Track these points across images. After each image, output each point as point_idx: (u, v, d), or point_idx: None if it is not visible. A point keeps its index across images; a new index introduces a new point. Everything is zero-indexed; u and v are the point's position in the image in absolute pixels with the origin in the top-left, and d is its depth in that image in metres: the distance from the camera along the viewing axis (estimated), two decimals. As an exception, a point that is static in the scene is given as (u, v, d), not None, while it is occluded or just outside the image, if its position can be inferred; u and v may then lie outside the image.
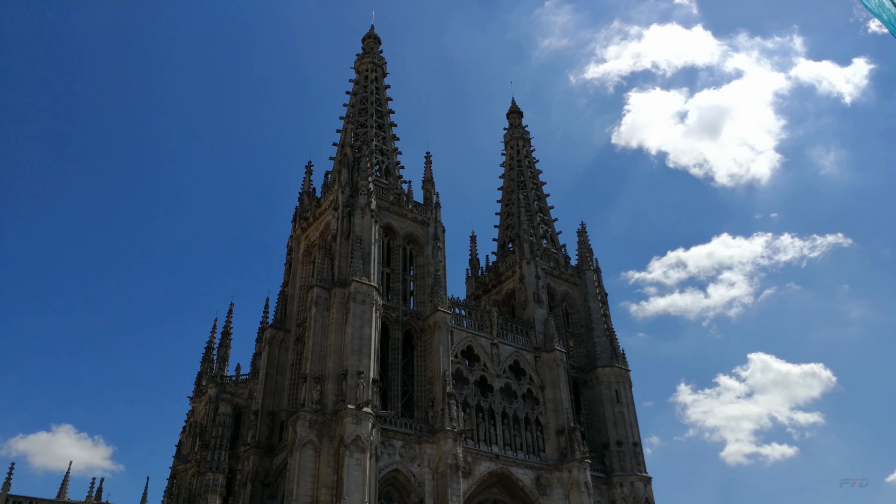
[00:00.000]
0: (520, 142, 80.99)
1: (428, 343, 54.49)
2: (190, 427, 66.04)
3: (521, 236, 68.25)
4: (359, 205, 55.14)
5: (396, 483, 48.13)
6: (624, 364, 65.63)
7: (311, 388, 46.97)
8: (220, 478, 55.56)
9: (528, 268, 65.80)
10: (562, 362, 60.23)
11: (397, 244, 59.42)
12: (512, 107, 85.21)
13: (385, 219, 58.60)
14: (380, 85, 70.81)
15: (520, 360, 59.63)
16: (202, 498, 55.62)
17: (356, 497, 42.32)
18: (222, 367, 68.21)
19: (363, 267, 51.81)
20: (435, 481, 48.17)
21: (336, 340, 48.90)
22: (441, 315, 54.50)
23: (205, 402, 64.79)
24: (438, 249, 59.61)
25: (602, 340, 66.54)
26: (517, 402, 57.62)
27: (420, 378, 53.49)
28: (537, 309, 63.34)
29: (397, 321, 55.12)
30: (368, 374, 47.32)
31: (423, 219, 60.94)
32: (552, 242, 74.10)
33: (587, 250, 72.61)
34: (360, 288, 50.42)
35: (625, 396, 63.74)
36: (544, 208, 76.67)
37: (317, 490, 43.30)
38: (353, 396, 45.88)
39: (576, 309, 69.85)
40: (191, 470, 61.19)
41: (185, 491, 60.77)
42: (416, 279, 59.15)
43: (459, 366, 55.75)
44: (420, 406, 52.33)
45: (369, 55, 72.23)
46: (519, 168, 78.76)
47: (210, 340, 70.66)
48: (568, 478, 54.71)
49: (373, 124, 66.14)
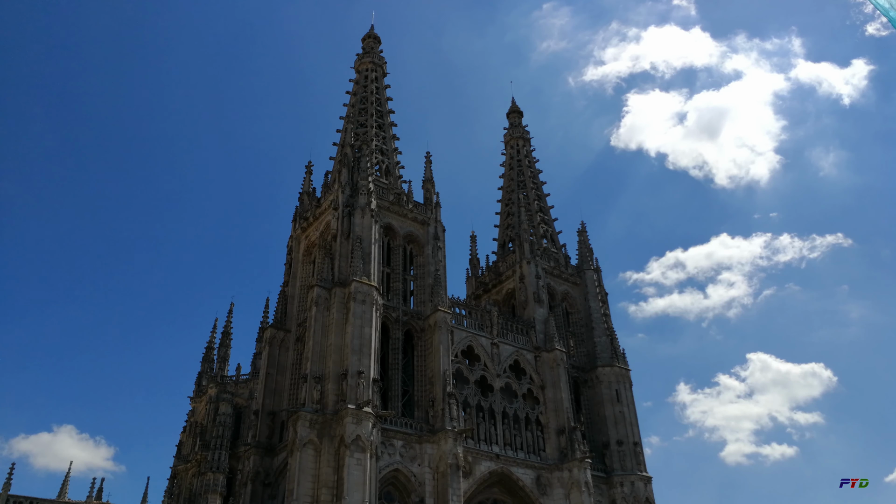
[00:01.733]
0: (520, 141, 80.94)
1: (428, 343, 54.48)
2: (190, 427, 66.11)
3: (522, 236, 68.24)
4: (359, 204, 55.13)
5: (397, 483, 48.13)
6: (624, 363, 65.63)
7: (311, 387, 46.96)
8: (220, 478, 55.64)
9: (528, 267, 65.78)
10: (562, 362, 60.23)
11: (397, 244, 59.41)
12: (512, 106, 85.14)
13: (385, 218, 58.59)
14: (380, 85, 70.76)
15: (520, 360, 59.62)
16: (203, 498, 55.68)
17: (356, 497, 42.32)
18: (223, 367, 68.31)
19: (363, 267, 51.80)
20: (435, 481, 48.16)
21: (336, 340, 48.89)
22: (441, 315, 54.49)
23: (205, 402, 64.86)
24: (438, 249, 59.60)
25: (602, 340, 66.52)
26: (517, 402, 57.61)
27: (420, 378, 53.49)
28: (537, 308, 63.33)
29: (397, 321, 55.12)
30: (369, 374, 47.31)
31: (423, 218, 60.93)
32: (552, 242, 74.07)
33: (587, 250, 72.59)
34: (361, 288, 50.41)
35: (625, 396, 63.74)
36: (544, 208, 76.63)
37: (317, 490, 43.30)
38: (353, 396, 45.88)
39: (576, 308, 69.83)
40: (191, 470, 61.25)
41: (186, 491, 60.84)
42: (416, 279, 59.14)
43: (460, 365, 55.74)
44: (420, 406, 52.33)
45: (369, 55, 72.19)
46: (519, 168, 78.72)
47: (210, 340, 70.76)
48: (568, 477, 54.70)
49: (373, 124, 66.12)
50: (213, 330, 71.34)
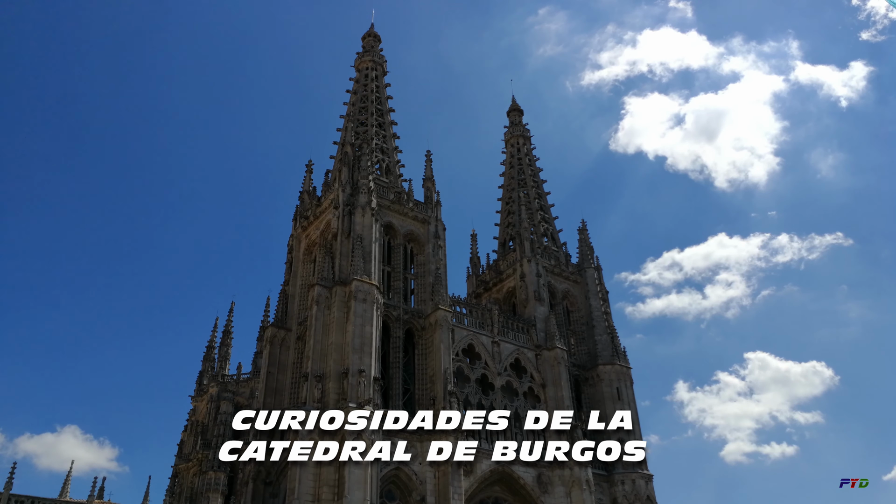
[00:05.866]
0: (520, 140, 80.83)
1: (429, 341, 54.48)
2: (191, 426, 66.18)
3: (522, 234, 68.21)
4: (359, 203, 55.11)
5: (398, 481, 48.15)
6: (625, 362, 65.59)
7: (312, 386, 46.99)
8: (221, 476, 55.70)
9: (528, 266, 65.75)
10: (563, 360, 60.20)
11: (398, 242, 59.39)
12: (512, 105, 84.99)
13: (386, 217, 58.56)
14: (380, 83, 70.69)
15: (521, 358, 59.61)
16: (204, 496, 55.75)
17: (358, 495, 42.32)
18: (223, 366, 68.40)
19: (364, 265, 51.79)
20: (437, 479, 48.18)
21: (337, 339, 48.90)
22: (442, 313, 54.47)
23: (206, 401, 64.93)
24: (439, 248, 59.57)
25: (603, 338, 66.49)
26: (518, 400, 57.61)
27: (421, 376, 53.50)
28: (538, 307, 63.31)
29: (398, 319, 55.11)
30: (370, 373, 47.32)
31: (423, 217, 60.89)
32: (553, 240, 74.02)
33: (588, 248, 72.50)
34: (361, 286, 50.41)
35: (626, 394, 63.71)
36: (545, 206, 76.54)
37: (318, 488, 43.30)
38: (354, 395, 45.89)
39: (577, 307, 69.79)
40: (192, 469, 61.32)
41: (187, 490, 60.93)
42: (416, 277, 59.12)
43: (460, 364, 55.75)
44: (421, 404, 52.28)
45: (369, 53, 72.10)
46: (519, 166, 78.63)
47: (211, 339, 70.83)
48: (569, 475, 54.69)
49: (373, 123, 66.06)
50: (214, 329, 71.43)
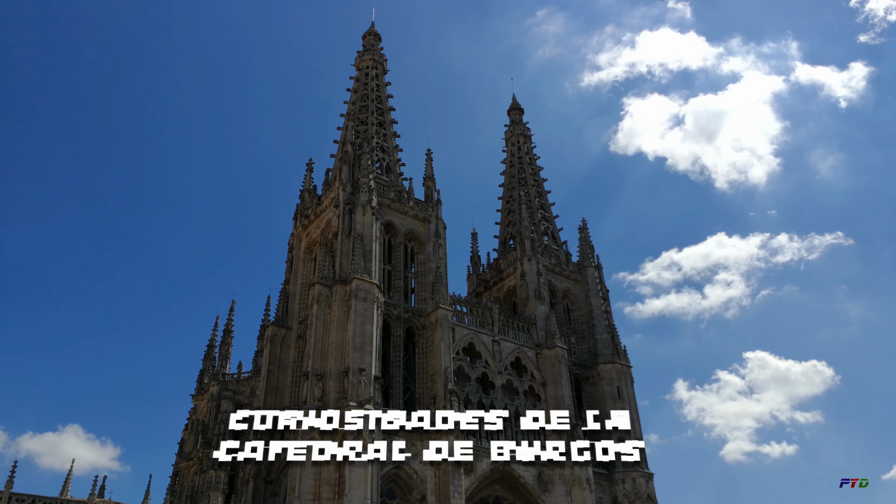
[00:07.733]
0: (520, 138, 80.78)
1: (429, 340, 54.51)
2: (192, 425, 66.30)
3: (522, 233, 68.18)
4: (360, 202, 55.11)
5: (398, 480, 48.20)
6: (626, 360, 65.58)
7: (312, 385, 47.03)
8: (222, 475, 55.76)
9: (529, 264, 65.74)
10: (563, 359, 60.20)
11: (398, 241, 59.40)
12: (512, 103, 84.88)
13: (386, 216, 58.56)
14: (380, 82, 70.65)
15: (521, 357, 59.62)
16: (204, 495, 55.83)
17: (358, 494, 42.38)
18: (224, 365, 68.51)
19: (364, 264, 51.82)
20: (437, 478, 48.22)
21: (338, 338, 48.93)
22: (442, 312, 54.48)
23: (207, 400, 65.02)
24: (439, 246, 59.58)
25: (603, 337, 66.48)
26: (519, 399, 57.63)
27: (421, 375, 53.53)
28: (539, 306, 63.31)
29: (399, 318, 55.14)
30: (370, 372, 47.38)
31: (424, 216, 60.89)
32: (553, 239, 73.99)
33: (588, 247, 72.43)
34: (362, 285, 50.44)
35: (626, 393, 63.70)
36: (545, 205, 76.51)
37: (319, 487, 43.36)
38: (354, 394, 45.94)
39: (577, 305, 69.76)
40: (193, 467, 61.42)
41: (188, 488, 61.02)
42: (417, 276, 59.14)
43: (461, 363, 55.78)
44: (422, 403, 52.29)
45: (370, 52, 72.05)
46: (520, 165, 78.59)
47: (212, 338, 70.94)
48: (570, 474, 54.70)
49: (373, 121, 66.04)
50: (215, 328, 71.55)
